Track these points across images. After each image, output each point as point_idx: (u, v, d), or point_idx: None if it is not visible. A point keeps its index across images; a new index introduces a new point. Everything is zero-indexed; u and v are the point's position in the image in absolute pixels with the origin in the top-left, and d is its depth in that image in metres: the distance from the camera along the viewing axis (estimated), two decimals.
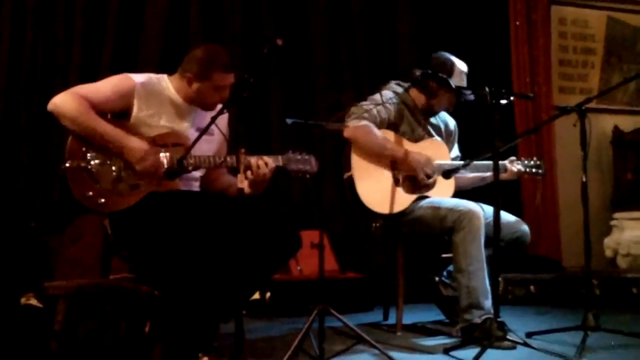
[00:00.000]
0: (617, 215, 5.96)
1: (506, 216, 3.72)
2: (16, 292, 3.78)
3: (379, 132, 3.72)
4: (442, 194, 3.78)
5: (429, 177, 3.74)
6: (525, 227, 3.77)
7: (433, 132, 3.97)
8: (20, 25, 4.97)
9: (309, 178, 3.24)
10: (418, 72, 3.86)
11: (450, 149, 4.02)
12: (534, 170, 3.91)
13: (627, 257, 5.71)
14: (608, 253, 5.84)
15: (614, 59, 6.50)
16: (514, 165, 3.87)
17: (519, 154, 3.88)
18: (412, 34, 5.67)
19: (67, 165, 2.91)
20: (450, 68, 3.82)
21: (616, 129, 6.16)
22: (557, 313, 4.38)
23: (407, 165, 3.72)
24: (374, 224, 3.87)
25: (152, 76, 3.17)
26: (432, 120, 3.99)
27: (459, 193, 3.87)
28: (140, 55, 5.11)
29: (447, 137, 4.05)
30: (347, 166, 3.73)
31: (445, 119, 4.10)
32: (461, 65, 3.87)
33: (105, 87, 3.04)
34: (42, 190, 4.84)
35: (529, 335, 3.50)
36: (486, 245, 3.52)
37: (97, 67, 5.00)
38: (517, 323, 3.75)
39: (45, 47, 4.99)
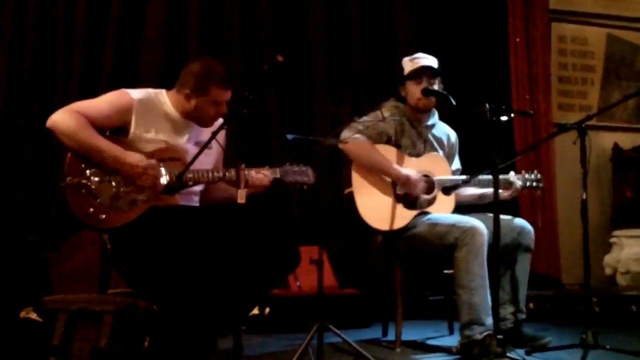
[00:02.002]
0: (616, 232, 5.95)
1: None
2: (15, 306, 3.78)
3: (372, 147, 3.73)
4: (442, 210, 3.77)
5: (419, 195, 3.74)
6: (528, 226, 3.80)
7: (436, 145, 3.97)
8: (20, 31, 4.97)
9: (306, 189, 3.24)
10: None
11: (451, 162, 4.02)
12: (534, 184, 3.91)
13: (626, 274, 5.70)
14: (607, 271, 5.83)
15: (614, 76, 6.52)
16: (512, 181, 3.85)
17: (517, 172, 3.89)
18: (411, 49, 5.65)
19: (67, 182, 2.91)
20: (402, 64, 3.93)
21: (616, 146, 6.16)
22: (556, 330, 4.36)
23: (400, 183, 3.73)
24: (374, 241, 3.87)
25: (150, 91, 3.18)
26: (435, 132, 3.99)
27: (458, 208, 3.88)
28: (140, 62, 5.11)
29: (448, 149, 4.05)
30: (348, 182, 3.72)
31: (447, 131, 4.10)
32: (412, 56, 3.93)
33: (103, 104, 3.05)
34: (41, 203, 4.83)
35: (529, 352, 3.48)
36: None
37: (98, 73, 5.01)
38: None
39: (46, 53, 4.99)
